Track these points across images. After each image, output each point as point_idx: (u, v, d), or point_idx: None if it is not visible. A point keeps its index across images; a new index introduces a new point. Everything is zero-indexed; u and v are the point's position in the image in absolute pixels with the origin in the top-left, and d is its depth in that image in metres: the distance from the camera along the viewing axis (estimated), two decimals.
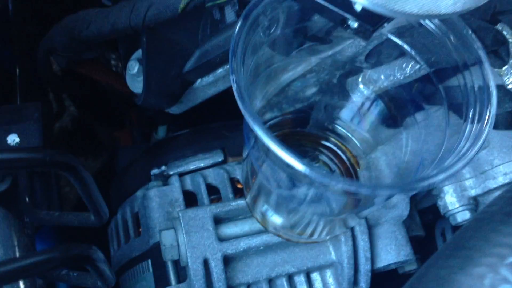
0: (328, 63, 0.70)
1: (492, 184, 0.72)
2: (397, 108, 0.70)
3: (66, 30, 0.58)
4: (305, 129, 0.76)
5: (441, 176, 0.45)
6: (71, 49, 0.62)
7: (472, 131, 0.52)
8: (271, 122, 0.74)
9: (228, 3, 0.50)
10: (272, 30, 0.55)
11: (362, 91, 0.70)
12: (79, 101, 0.92)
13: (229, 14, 0.51)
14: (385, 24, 0.42)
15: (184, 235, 0.65)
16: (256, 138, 0.60)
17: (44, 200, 0.65)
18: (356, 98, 0.71)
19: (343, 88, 0.74)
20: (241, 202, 0.69)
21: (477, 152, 0.47)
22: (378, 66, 0.69)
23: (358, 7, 0.39)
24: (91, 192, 0.44)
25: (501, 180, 0.72)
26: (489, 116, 0.50)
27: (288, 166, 0.43)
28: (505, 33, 0.59)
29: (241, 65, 0.46)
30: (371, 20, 0.40)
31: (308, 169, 0.42)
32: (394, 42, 0.63)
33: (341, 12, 0.41)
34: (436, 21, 0.52)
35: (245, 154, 0.67)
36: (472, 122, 0.52)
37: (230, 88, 0.71)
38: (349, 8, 0.40)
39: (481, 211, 0.36)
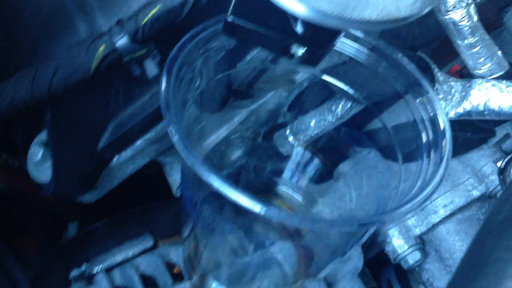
0: (251, 120, 0.67)
1: (435, 219, 0.71)
2: (332, 160, 0.68)
3: None
4: None
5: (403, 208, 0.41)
6: None
7: (425, 167, 0.49)
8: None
9: (147, 55, 0.45)
10: (197, 83, 0.50)
11: (291, 143, 0.67)
12: None
13: (150, 67, 0.45)
14: (328, 49, 0.38)
15: None
16: (198, 205, 0.54)
17: None
18: (292, 156, 0.68)
19: (271, 146, 0.70)
20: (185, 286, 0.60)
21: (439, 184, 0.44)
22: (302, 115, 0.67)
23: (300, 28, 0.36)
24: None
25: (442, 213, 0.71)
26: (445, 146, 0.47)
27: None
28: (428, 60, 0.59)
29: (177, 115, 0.41)
30: (318, 43, 0.37)
31: (264, 208, 0.37)
32: (318, 86, 0.62)
33: (282, 38, 0.37)
34: (366, 51, 0.51)
35: (186, 231, 0.60)
36: (428, 156, 0.50)
37: (145, 167, 0.65)
38: (292, 32, 0.37)
39: (486, 221, 0.32)
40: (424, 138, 0.51)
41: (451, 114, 0.59)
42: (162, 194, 0.75)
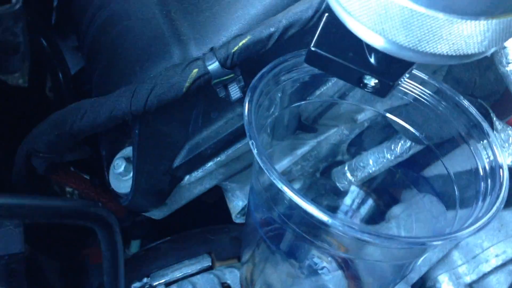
0: (313, 155, 0.71)
1: (486, 268, 0.72)
2: (385, 202, 0.70)
3: (55, 125, 0.56)
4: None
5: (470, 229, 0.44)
6: (55, 149, 0.59)
7: (478, 210, 0.51)
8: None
9: (233, 80, 0.50)
10: (271, 110, 0.55)
11: (349, 179, 0.70)
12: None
13: (234, 91, 0.51)
14: (399, 81, 0.43)
15: None
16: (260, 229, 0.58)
17: None
18: (348, 194, 0.71)
19: (328, 181, 0.74)
20: None
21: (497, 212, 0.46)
22: (360, 154, 0.71)
23: (377, 58, 0.40)
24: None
25: (494, 262, 0.71)
26: (500, 194, 0.48)
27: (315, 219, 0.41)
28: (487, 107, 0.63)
29: (257, 133, 0.46)
30: (390, 75, 0.42)
31: (336, 221, 0.41)
32: (379, 126, 0.66)
33: (357, 68, 0.42)
34: (429, 92, 0.55)
35: (247, 255, 0.64)
36: (483, 201, 0.51)
37: (204, 195, 0.70)
38: (366, 64, 0.42)
39: None
40: (483, 184, 0.53)
41: (508, 161, 0.62)
42: (220, 220, 0.79)
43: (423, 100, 0.55)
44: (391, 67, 0.41)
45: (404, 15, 0.34)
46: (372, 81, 0.43)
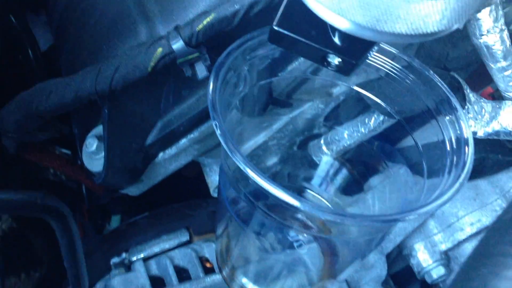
0: (289, 129, 0.71)
1: (461, 236, 0.73)
2: (359, 172, 0.71)
3: (22, 105, 0.55)
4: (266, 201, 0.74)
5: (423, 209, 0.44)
6: (24, 128, 0.58)
7: (445, 181, 0.51)
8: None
9: (199, 58, 0.49)
10: (241, 88, 0.55)
11: (326, 153, 0.70)
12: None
13: (201, 69, 0.50)
14: (362, 59, 0.42)
15: None
16: (231, 204, 0.58)
17: None
18: (322, 165, 0.71)
19: (305, 154, 0.74)
20: (216, 278, 0.65)
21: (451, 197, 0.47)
22: (335, 128, 0.71)
23: (339, 39, 0.40)
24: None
25: (469, 231, 0.72)
26: (464, 169, 0.49)
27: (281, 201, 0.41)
28: (460, 80, 0.62)
29: (221, 114, 0.45)
30: (353, 54, 0.41)
31: (300, 202, 0.41)
32: (354, 100, 0.65)
33: (321, 47, 0.41)
34: (400, 67, 0.54)
35: (220, 229, 0.64)
36: (449, 173, 0.52)
37: (184, 169, 0.70)
38: (330, 43, 0.41)
39: (495, 221, 0.35)
40: (449, 159, 0.53)
41: (480, 133, 0.62)
42: (200, 194, 0.79)
43: (393, 75, 0.55)
44: (354, 46, 0.41)
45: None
46: (335, 60, 0.42)
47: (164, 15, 0.54)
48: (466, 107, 0.61)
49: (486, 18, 0.56)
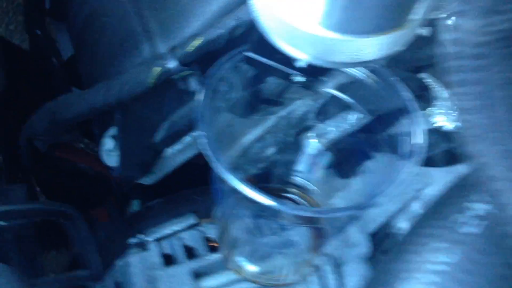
0: (283, 123, 0.79)
1: None
2: (346, 158, 0.79)
3: (48, 114, 0.65)
4: (267, 185, 0.83)
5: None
6: (52, 132, 0.69)
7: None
8: None
9: (192, 75, 0.58)
10: (232, 95, 0.63)
11: (315, 143, 0.79)
12: (58, 185, 0.98)
13: (193, 83, 0.59)
14: (325, 77, 0.51)
15: None
16: (225, 194, 0.67)
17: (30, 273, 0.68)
18: (310, 151, 0.79)
19: (299, 145, 0.82)
20: (216, 256, 0.74)
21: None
22: (324, 122, 0.79)
23: (300, 64, 0.48)
24: (88, 243, 0.49)
25: None
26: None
27: (257, 204, 0.50)
28: (430, 80, 0.70)
29: (207, 124, 0.54)
30: (313, 73, 0.49)
31: (276, 203, 0.50)
32: (338, 98, 0.73)
33: (287, 69, 0.50)
34: (368, 72, 0.62)
35: (217, 213, 0.74)
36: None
37: (195, 157, 0.79)
38: (293, 65, 0.49)
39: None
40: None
41: (450, 126, 0.70)
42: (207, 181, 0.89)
43: (363, 79, 0.63)
44: (313, 68, 0.49)
45: (308, 37, 0.42)
46: (300, 78, 0.50)
47: (163, 35, 0.62)
48: (435, 104, 0.68)
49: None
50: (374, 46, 0.42)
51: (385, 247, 0.86)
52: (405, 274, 0.38)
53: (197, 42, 0.56)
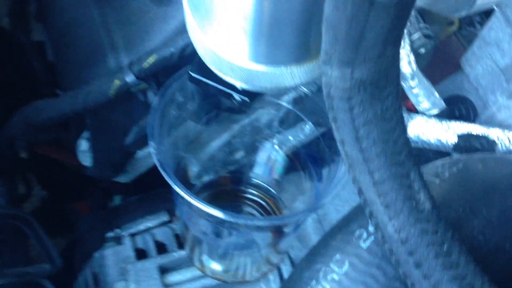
0: (248, 130, 0.84)
1: None
2: (302, 165, 0.83)
3: (22, 118, 0.71)
4: (237, 187, 0.88)
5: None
6: (28, 133, 0.75)
7: None
8: (208, 181, 0.87)
9: (148, 87, 0.64)
10: (188, 104, 0.68)
11: (277, 150, 0.83)
12: (43, 180, 1.04)
13: (151, 96, 0.64)
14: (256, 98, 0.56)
15: (134, 284, 0.75)
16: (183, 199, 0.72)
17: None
18: (272, 157, 0.84)
19: (263, 149, 0.87)
20: (182, 253, 0.80)
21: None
22: (285, 130, 0.84)
23: (238, 86, 0.53)
24: (44, 242, 0.55)
25: None
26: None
27: (208, 214, 0.56)
28: None
29: (160, 142, 0.59)
30: (249, 95, 0.54)
31: (225, 214, 0.55)
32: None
33: (228, 90, 0.54)
34: (311, 89, 0.66)
35: (178, 213, 0.79)
36: None
37: None
38: (234, 87, 0.54)
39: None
40: None
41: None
42: None
43: (308, 95, 0.67)
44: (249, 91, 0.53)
45: (236, 67, 0.47)
46: (238, 97, 0.55)
47: (127, 48, 0.68)
48: None
49: None
50: (294, 74, 0.47)
51: None
52: (309, 282, 0.43)
53: (152, 59, 0.61)
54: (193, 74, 0.55)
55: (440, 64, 0.91)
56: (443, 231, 0.38)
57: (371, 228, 0.44)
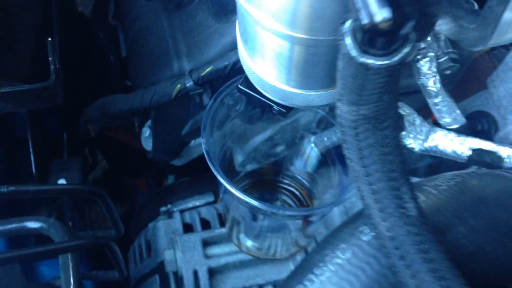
0: (288, 129, 0.95)
1: None
2: (338, 163, 0.94)
3: (99, 108, 0.85)
4: (275, 177, 1.00)
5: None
6: (102, 120, 0.89)
7: None
8: (251, 170, 0.99)
9: (204, 91, 0.76)
10: (238, 107, 0.80)
11: (311, 147, 0.94)
12: (109, 157, 1.19)
13: (205, 98, 0.77)
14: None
15: (181, 253, 0.89)
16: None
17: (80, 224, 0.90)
18: (308, 153, 0.95)
19: (301, 146, 0.98)
20: (223, 230, 0.93)
21: None
22: (322, 132, 0.94)
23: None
24: (113, 213, 0.68)
25: None
26: None
27: (245, 202, 0.68)
28: (404, 108, 0.83)
29: (210, 136, 0.71)
30: (286, 107, 0.66)
31: (259, 203, 0.67)
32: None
33: (267, 101, 0.66)
34: None
35: (221, 196, 0.92)
36: None
37: None
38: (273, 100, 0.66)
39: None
40: None
41: (417, 149, 0.83)
42: None
43: None
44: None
45: (276, 89, 0.58)
46: (277, 108, 0.67)
47: (189, 56, 0.80)
48: (406, 129, 0.82)
49: (423, 65, 0.77)
50: (318, 97, 0.58)
51: None
52: (318, 263, 0.55)
53: (209, 69, 0.74)
54: (241, 87, 0.67)
55: (471, 80, 1.00)
56: (425, 234, 0.49)
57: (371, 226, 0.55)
